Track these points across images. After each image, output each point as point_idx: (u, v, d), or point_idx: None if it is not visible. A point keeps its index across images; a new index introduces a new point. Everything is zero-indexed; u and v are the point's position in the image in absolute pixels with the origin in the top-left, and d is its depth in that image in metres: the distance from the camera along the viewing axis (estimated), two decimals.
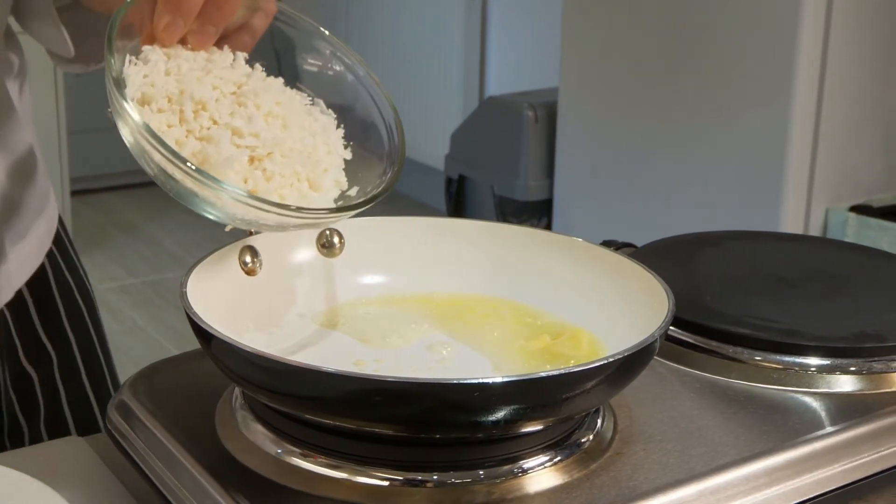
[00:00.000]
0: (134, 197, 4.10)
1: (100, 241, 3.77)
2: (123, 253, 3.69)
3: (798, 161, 2.41)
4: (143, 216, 3.96)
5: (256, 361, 0.59)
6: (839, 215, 2.46)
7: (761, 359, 0.74)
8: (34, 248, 0.89)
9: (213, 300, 0.68)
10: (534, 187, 2.96)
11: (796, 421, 0.69)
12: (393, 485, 0.61)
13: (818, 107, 2.39)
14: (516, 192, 2.98)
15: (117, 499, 0.68)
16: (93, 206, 4.04)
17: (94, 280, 3.25)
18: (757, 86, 2.43)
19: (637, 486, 0.61)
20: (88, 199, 4.05)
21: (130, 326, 3.14)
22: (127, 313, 3.23)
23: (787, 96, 2.36)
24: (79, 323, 0.92)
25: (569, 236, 0.76)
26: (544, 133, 2.94)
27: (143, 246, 3.74)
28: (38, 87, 3.33)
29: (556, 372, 0.58)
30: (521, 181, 2.97)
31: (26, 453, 0.75)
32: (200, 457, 0.63)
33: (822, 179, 2.45)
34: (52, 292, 0.89)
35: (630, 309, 0.69)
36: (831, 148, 2.44)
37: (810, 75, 2.37)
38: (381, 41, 3.80)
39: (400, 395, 0.57)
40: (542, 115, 2.93)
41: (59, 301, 0.90)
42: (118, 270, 3.55)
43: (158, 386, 0.71)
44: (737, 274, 0.86)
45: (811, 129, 2.40)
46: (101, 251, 3.69)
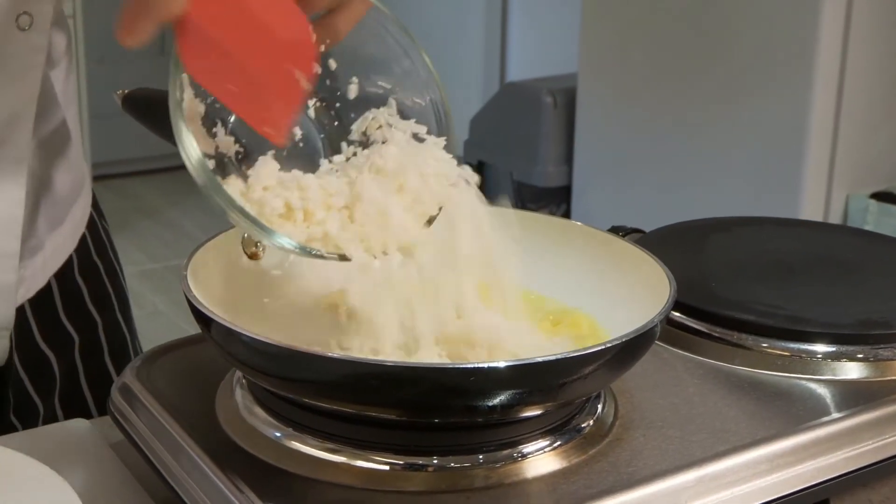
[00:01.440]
0: (156, 182, 4.11)
1: (121, 226, 3.78)
2: (145, 238, 3.70)
3: (818, 147, 2.39)
4: (164, 201, 3.98)
5: (255, 345, 0.59)
6: (860, 202, 2.45)
7: (766, 345, 0.74)
8: (69, 235, 0.89)
9: (214, 284, 0.68)
10: (552, 173, 2.95)
11: (800, 408, 0.69)
12: (394, 469, 0.61)
13: (839, 92, 2.38)
14: (535, 178, 2.97)
15: (120, 481, 0.69)
16: (114, 191, 4.05)
17: None
18: (778, 70, 2.41)
19: (636, 471, 0.61)
20: (110, 184, 4.07)
21: (151, 311, 3.16)
22: (148, 298, 3.25)
23: (808, 81, 2.35)
24: (105, 305, 0.92)
25: (570, 221, 0.76)
26: (563, 119, 2.93)
27: (164, 231, 3.75)
28: None
29: (553, 357, 0.58)
30: (539, 167, 2.96)
31: (32, 435, 0.76)
32: (200, 440, 0.63)
33: (843, 166, 2.43)
34: (76, 277, 0.89)
35: (632, 294, 0.69)
36: (852, 134, 2.42)
37: (831, 60, 2.35)
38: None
39: (397, 378, 0.57)
40: (561, 101, 2.92)
41: (84, 285, 0.90)
42: (140, 255, 3.57)
43: (161, 369, 0.71)
44: (744, 260, 0.85)
45: (832, 114, 2.39)
46: (123, 236, 3.71)
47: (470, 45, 3.75)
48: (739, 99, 2.49)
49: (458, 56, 3.76)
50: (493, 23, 3.71)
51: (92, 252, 0.91)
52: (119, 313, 0.93)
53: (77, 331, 0.89)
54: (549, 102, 2.91)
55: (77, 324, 0.89)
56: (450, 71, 3.73)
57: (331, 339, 0.64)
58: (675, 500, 0.60)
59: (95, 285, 0.91)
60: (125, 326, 0.94)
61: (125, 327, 0.94)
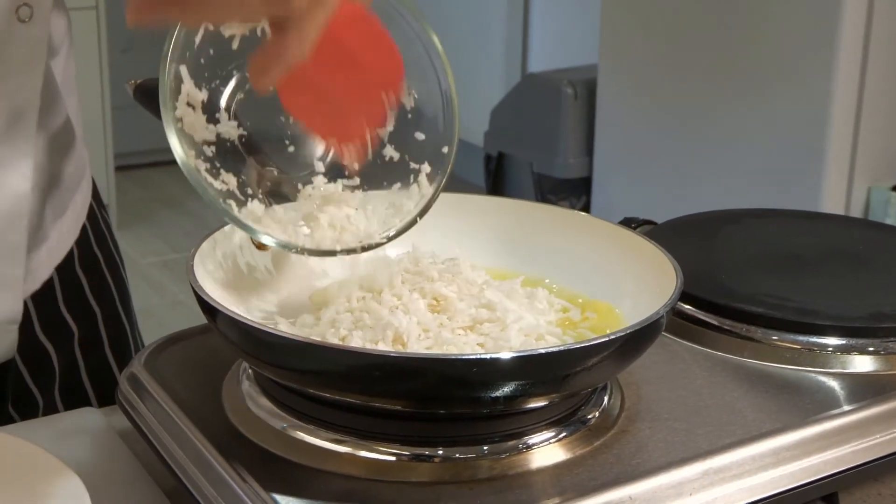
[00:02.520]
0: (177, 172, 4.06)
1: (143, 216, 3.80)
2: (166, 228, 3.72)
3: (840, 139, 2.38)
4: (186, 191, 3.98)
5: (259, 336, 0.59)
6: (881, 194, 2.43)
7: (776, 338, 0.74)
8: (72, 224, 0.89)
9: (221, 274, 0.68)
10: (572, 165, 2.95)
11: (808, 401, 0.69)
12: (400, 460, 0.61)
13: (861, 83, 2.36)
14: (555, 169, 2.97)
15: (128, 470, 0.69)
16: (136, 182, 4.07)
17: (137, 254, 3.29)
18: (799, 61, 2.40)
19: (640, 463, 0.61)
20: (132, 175, 4.08)
21: (172, 301, 3.17)
22: (169, 287, 3.26)
23: (829, 73, 2.33)
24: (106, 296, 0.92)
25: (578, 212, 0.76)
26: (584, 110, 2.92)
27: (185, 221, 3.77)
28: (82, 62, 3.36)
29: (557, 348, 0.58)
30: (559, 158, 2.95)
31: (41, 423, 0.76)
32: (206, 430, 0.63)
33: (865, 158, 2.41)
34: (76, 269, 0.89)
35: (639, 286, 0.69)
36: (874, 126, 2.40)
37: (853, 51, 2.33)
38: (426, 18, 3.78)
39: (400, 369, 0.57)
40: (581, 93, 2.91)
41: (84, 277, 0.90)
42: (161, 245, 3.58)
43: (169, 359, 0.71)
44: (755, 252, 0.85)
45: (853, 106, 2.37)
46: (144, 226, 3.73)
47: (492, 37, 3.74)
48: (760, 90, 2.48)
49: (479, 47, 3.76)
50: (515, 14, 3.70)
51: (92, 243, 0.91)
52: (119, 305, 0.93)
53: (77, 323, 0.89)
54: (570, 94, 2.91)
55: (77, 316, 0.89)
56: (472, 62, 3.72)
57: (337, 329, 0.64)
58: (679, 492, 0.60)
59: (96, 277, 0.91)
60: (125, 318, 0.94)
61: (125, 319, 0.94)
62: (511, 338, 0.63)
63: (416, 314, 0.63)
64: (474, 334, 0.64)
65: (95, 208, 0.94)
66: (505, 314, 0.65)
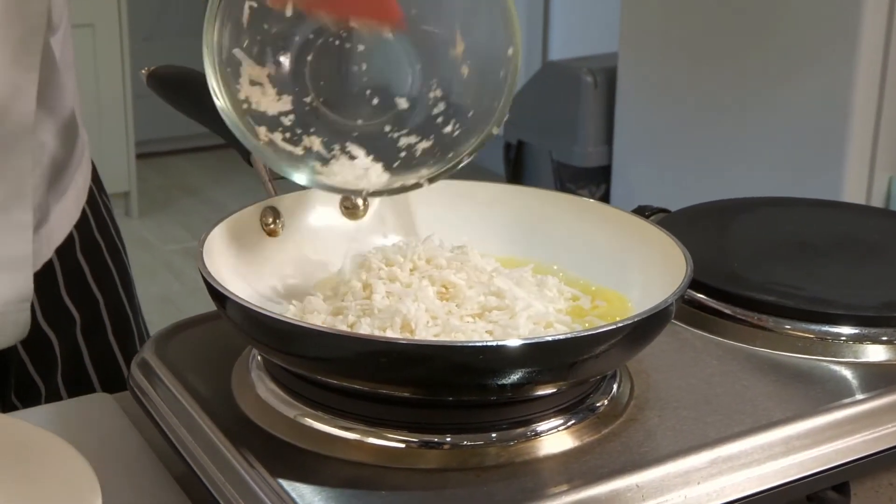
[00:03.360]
0: (199, 160, 4.13)
1: (164, 204, 3.81)
2: (188, 215, 3.73)
3: (861, 128, 2.36)
4: (207, 179, 4.00)
5: (267, 322, 0.59)
6: None
7: (788, 327, 0.73)
8: (72, 204, 0.89)
9: (231, 261, 0.68)
10: (592, 153, 2.94)
11: (819, 390, 0.68)
12: (409, 446, 0.61)
13: (883, 72, 2.34)
14: (574, 158, 2.96)
15: (139, 455, 0.69)
16: (158, 169, 4.08)
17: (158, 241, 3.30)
18: (820, 50, 2.38)
19: (648, 451, 0.61)
20: (154, 162, 4.10)
21: (192, 287, 3.18)
22: (189, 274, 3.27)
23: (851, 61, 2.32)
24: (107, 283, 0.92)
25: (589, 199, 0.75)
26: (603, 98, 2.91)
27: (206, 208, 3.78)
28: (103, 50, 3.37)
29: (564, 336, 0.58)
30: (579, 147, 2.94)
31: (53, 409, 0.77)
32: (215, 415, 0.63)
33: (886, 147, 2.40)
34: (77, 255, 0.90)
35: (649, 273, 0.68)
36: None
37: (875, 39, 2.31)
38: None
39: (407, 356, 0.57)
40: (601, 81, 2.90)
41: (85, 263, 0.90)
42: (182, 232, 3.60)
43: (180, 345, 0.72)
44: (768, 241, 0.84)
45: (875, 95, 2.35)
46: (166, 213, 3.74)
47: None
48: (781, 79, 2.46)
49: None
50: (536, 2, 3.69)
51: (93, 229, 0.92)
52: (121, 290, 0.93)
53: (78, 310, 0.89)
54: (590, 82, 2.90)
55: (78, 302, 0.89)
56: None
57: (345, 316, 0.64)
58: (686, 480, 0.60)
59: (97, 263, 0.91)
60: (128, 304, 0.94)
61: (128, 305, 0.94)
62: (520, 325, 0.63)
63: (425, 301, 0.63)
64: (483, 322, 0.64)
65: (96, 193, 0.93)
66: (514, 302, 0.65)
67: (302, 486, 0.57)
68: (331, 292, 0.66)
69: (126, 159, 3.56)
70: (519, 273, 0.69)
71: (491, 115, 0.67)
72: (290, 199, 0.74)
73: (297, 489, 0.57)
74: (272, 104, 0.65)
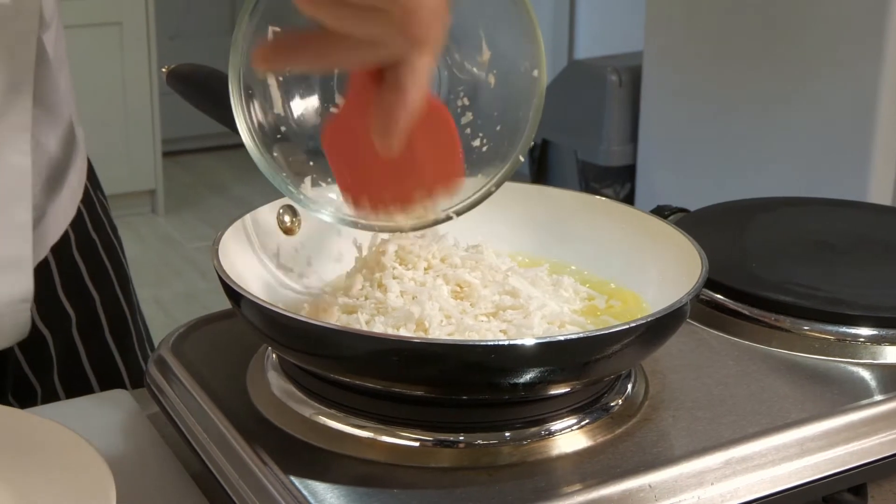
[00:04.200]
0: (224, 158, 4.15)
1: (190, 202, 3.83)
2: (213, 213, 3.74)
3: (887, 128, 2.35)
4: (232, 177, 4.01)
5: (281, 321, 0.59)
6: None
7: (806, 328, 0.73)
8: (67, 201, 0.89)
9: (248, 259, 0.69)
10: (617, 152, 2.93)
11: (836, 391, 0.68)
12: (423, 445, 0.61)
13: None
14: (599, 157, 2.95)
15: (155, 452, 0.70)
16: (184, 167, 4.10)
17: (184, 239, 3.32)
18: (846, 48, 2.37)
19: (661, 452, 0.61)
20: (179, 160, 4.12)
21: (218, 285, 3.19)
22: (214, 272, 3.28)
23: (878, 59, 2.30)
24: (104, 281, 0.92)
25: (606, 199, 0.75)
26: (628, 97, 2.90)
27: (232, 206, 3.79)
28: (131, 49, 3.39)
29: (577, 335, 0.58)
30: (603, 146, 2.94)
31: (71, 405, 0.77)
32: (229, 412, 0.64)
33: None
34: (74, 254, 0.89)
35: (664, 273, 0.68)
36: None
37: None
38: None
39: (420, 355, 0.57)
40: (626, 80, 2.89)
41: (82, 262, 0.90)
42: (208, 230, 3.61)
43: (196, 342, 0.72)
44: (787, 241, 0.84)
45: None
46: (191, 211, 3.76)
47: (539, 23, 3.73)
48: (807, 78, 2.45)
49: None
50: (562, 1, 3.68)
51: (89, 227, 0.91)
52: (118, 288, 0.93)
53: (74, 308, 0.89)
54: (614, 81, 2.89)
55: (75, 301, 0.89)
56: None
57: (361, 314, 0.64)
58: (700, 481, 0.60)
59: (93, 262, 0.91)
60: (124, 302, 0.94)
61: (124, 303, 0.94)
62: (534, 325, 0.63)
63: (439, 300, 0.63)
64: (497, 321, 0.64)
65: (91, 191, 0.93)
66: (528, 301, 0.65)
67: (314, 484, 0.57)
68: (345, 291, 0.67)
69: (152, 157, 3.58)
70: (534, 272, 0.69)
71: (517, 133, 0.67)
72: None
73: (308, 486, 0.57)
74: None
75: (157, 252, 3.43)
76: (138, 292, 1.00)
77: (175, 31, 4.00)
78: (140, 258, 3.32)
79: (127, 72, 3.45)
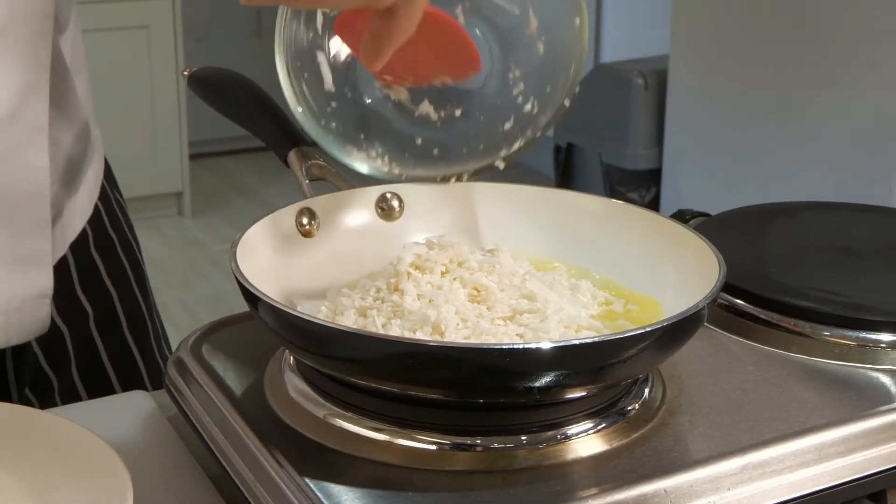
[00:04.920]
0: (251, 161, 4.17)
1: (216, 204, 3.84)
2: (239, 215, 3.76)
3: None
4: (259, 180, 4.03)
5: (295, 323, 0.59)
6: None
7: (825, 333, 0.72)
8: (85, 200, 0.90)
9: (266, 261, 0.69)
10: (642, 156, 2.92)
11: (855, 397, 0.67)
12: (441, 448, 0.61)
13: None
14: (624, 160, 2.94)
15: (174, 454, 0.70)
16: (210, 169, 4.12)
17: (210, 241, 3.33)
18: (875, 52, 2.35)
19: (677, 457, 0.60)
20: (206, 163, 4.13)
21: None
22: None
23: None
24: (121, 278, 0.93)
25: (625, 203, 0.75)
26: (654, 101, 2.90)
27: (258, 209, 3.80)
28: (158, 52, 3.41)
29: (591, 339, 0.58)
30: (629, 150, 2.93)
31: (92, 406, 0.78)
32: (246, 414, 0.64)
33: None
34: (91, 252, 0.90)
35: (682, 277, 0.68)
36: None
37: None
38: None
39: (433, 358, 0.57)
40: (652, 83, 2.88)
41: (100, 260, 0.91)
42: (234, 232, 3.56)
43: (215, 344, 0.72)
44: (808, 245, 0.83)
45: None
46: (217, 213, 3.77)
47: None
48: (835, 82, 2.43)
49: None
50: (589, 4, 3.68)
51: (106, 225, 0.92)
52: (136, 287, 0.94)
53: (92, 305, 0.90)
54: (640, 84, 2.88)
55: (92, 298, 0.90)
56: None
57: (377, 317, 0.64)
58: (717, 486, 0.59)
59: (111, 259, 0.92)
60: (142, 300, 0.95)
61: (142, 301, 0.95)
62: (550, 329, 0.63)
63: (455, 304, 0.63)
64: (514, 325, 0.64)
65: (108, 189, 0.94)
66: (545, 305, 0.65)
67: (329, 486, 0.57)
68: (363, 293, 0.67)
69: (179, 160, 3.60)
70: (552, 276, 0.69)
71: (564, 88, 0.69)
72: (325, 200, 0.74)
73: (323, 488, 0.57)
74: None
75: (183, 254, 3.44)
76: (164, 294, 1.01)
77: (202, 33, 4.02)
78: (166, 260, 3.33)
79: (154, 75, 3.47)
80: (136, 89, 3.45)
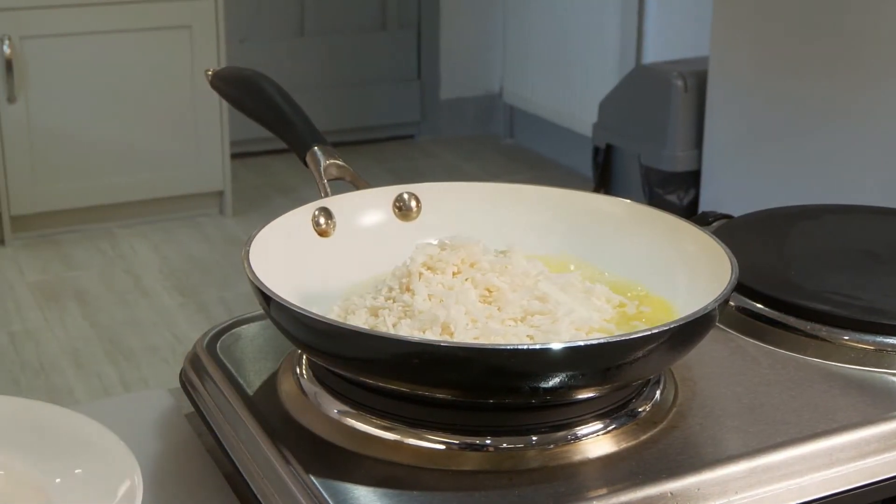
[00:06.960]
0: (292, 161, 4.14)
1: (258, 203, 3.86)
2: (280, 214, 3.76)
3: None
4: (300, 179, 4.04)
5: (306, 322, 0.60)
6: None
7: (844, 337, 0.72)
8: None
9: (282, 260, 0.69)
10: (681, 158, 2.90)
11: (869, 402, 0.67)
12: (450, 448, 0.61)
13: None
14: (663, 162, 2.92)
15: (189, 450, 0.71)
16: (252, 169, 4.14)
17: None
18: None
19: (685, 460, 0.60)
20: (248, 162, 4.15)
21: None
22: None
23: None
24: None
25: (640, 204, 0.75)
26: (694, 102, 2.87)
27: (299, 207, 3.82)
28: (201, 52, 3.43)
29: (598, 340, 0.58)
30: (668, 151, 2.91)
31: (111, 403, 0.78)
32: (257, 413, 0.64)
33: None
34: None
35: (695, 279, 0.68)
36: None
37: None
38: (540, 8, 3.78)
39: (440, 358, 0.57)
40: (691, 84, 2.86)
41: None
42: None
43: (230, 343, 0.73)
44: (828, 248, 0.83)
45: None
46: (259, 213, 3.78)
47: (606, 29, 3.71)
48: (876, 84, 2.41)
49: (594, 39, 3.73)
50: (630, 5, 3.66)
51: None
52: None
53: None
54: (680, 86, 2.86)
55: None
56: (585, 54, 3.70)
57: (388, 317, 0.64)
58: (724, 490, 0.59)
59: None
60: None
61: None
62: (561, 330, 0.63)
63: (466, 304, 0.63)
64: (524, 326, 0.64)
65: None
66: (557, 307, 0.65)
67: (335, 484, 0.58)
68: (375, 293, 0.67)
69: (221, 159, 3.61)
70: (566, 278, 0.69)
71: None
72: (342, 200, 0.75)
73: (329, 486, 0.57)
74: None
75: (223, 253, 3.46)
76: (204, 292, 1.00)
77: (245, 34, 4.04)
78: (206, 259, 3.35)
79: (196, 75, 3.49)
80: (179, 89, 3.48)
